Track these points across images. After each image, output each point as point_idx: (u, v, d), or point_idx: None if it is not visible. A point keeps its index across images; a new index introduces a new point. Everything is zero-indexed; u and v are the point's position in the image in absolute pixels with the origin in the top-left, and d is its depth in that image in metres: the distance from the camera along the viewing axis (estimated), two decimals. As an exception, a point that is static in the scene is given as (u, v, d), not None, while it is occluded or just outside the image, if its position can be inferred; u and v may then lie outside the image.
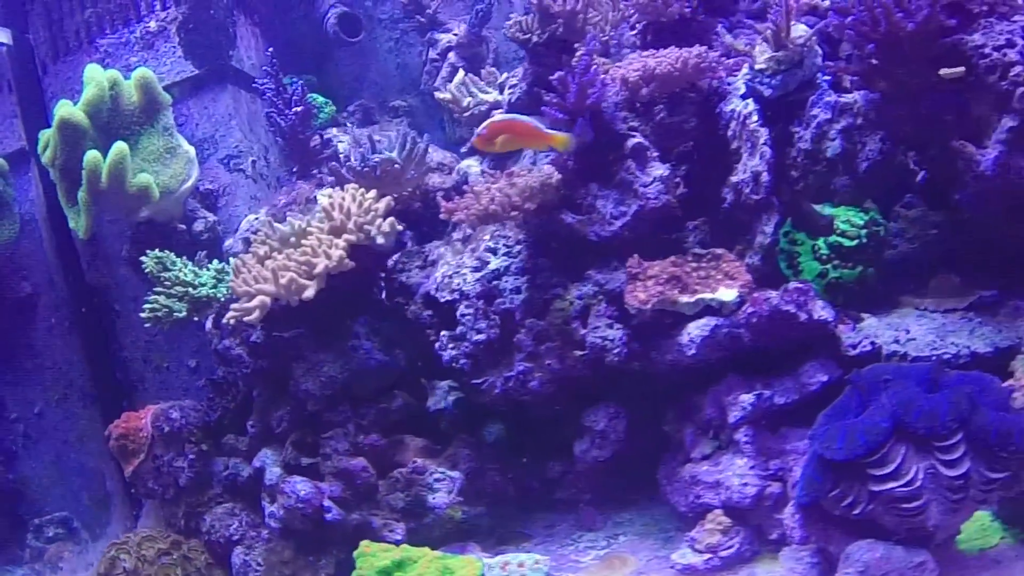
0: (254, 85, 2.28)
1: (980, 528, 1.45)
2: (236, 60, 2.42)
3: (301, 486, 1.82)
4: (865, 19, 1.67)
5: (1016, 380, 1.60)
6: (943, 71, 1.71)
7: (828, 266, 1.85)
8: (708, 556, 1.58)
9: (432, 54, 2.64)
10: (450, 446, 1.91)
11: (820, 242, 1.89)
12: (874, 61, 1.72)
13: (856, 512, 1.31)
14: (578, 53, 1.73)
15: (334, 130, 2.45)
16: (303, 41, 2.70)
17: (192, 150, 2.29)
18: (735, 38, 2.09)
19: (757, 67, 2.00)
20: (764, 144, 1.79)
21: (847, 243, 1.84)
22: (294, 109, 2.11)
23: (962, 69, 1.74)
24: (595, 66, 1.76)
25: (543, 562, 1.54)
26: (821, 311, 1.63)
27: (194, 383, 2.31)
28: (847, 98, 1.96)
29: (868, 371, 1.44)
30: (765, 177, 1.77)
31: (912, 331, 1.74)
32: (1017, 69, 1.74)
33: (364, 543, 1.68)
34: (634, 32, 2.28)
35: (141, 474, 2.07)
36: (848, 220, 1.86)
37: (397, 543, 1.77)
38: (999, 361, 1.66)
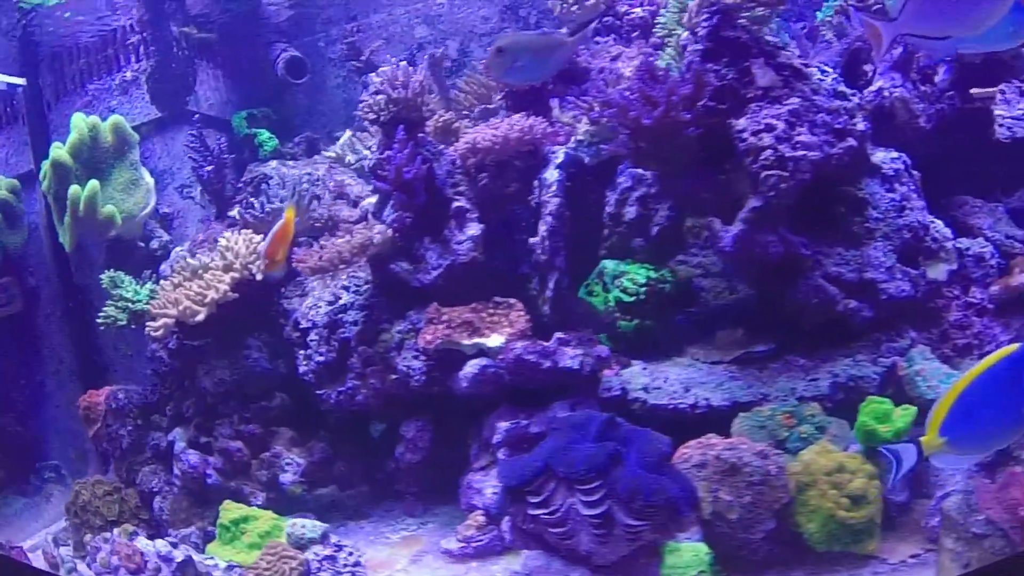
0: (188, 144, 2.93)
1: (690, 559, 1.88)
2: (194, 104, 3.09)
3: (192, 457, 2.51)
4: (615, 112, 2.05)
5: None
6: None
7: (614, 317, 2.30)
8: (463, 545, 2.12)
9: (365, 95, 3.17)
10: (313, 439, 2.54)
11: (611, 295, 2.32)
12: (643, 144, 2.11)
13: (525, 528, 1.80)
14: (398, 137, 2.24)
15: (274, 162, 3.06)
16: (262, 79, 3.31)
17: (152, 181, 2.99)
18: (575, 108, 2.52)
19: (577, 138, 2.43)
20: (549, 213, 2.23)
21: (627, 299, 2.27)
22: (207, 168, 2.75)
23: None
24: (412, 148, 2.25)
25: (320, 526, 2.14)
26: (568, 360, 2.09)
27: (151, 369, 3.05)
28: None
29: (566, 418, 1.91)
30: (547, 243, 2.22)
31: (669, 380, 2.16)
32: (767, 153, 2.07)
33: (227, 502, 2.33)
34: (500, 97, 2.73)
35: (99, 437, 2.84)
36: (632, 278, 2.29)
37: (259, 506, 2.43)
38: (735, 412, 2.06)
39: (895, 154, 2.52)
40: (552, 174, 2.28)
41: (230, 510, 2.29)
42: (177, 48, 2.97)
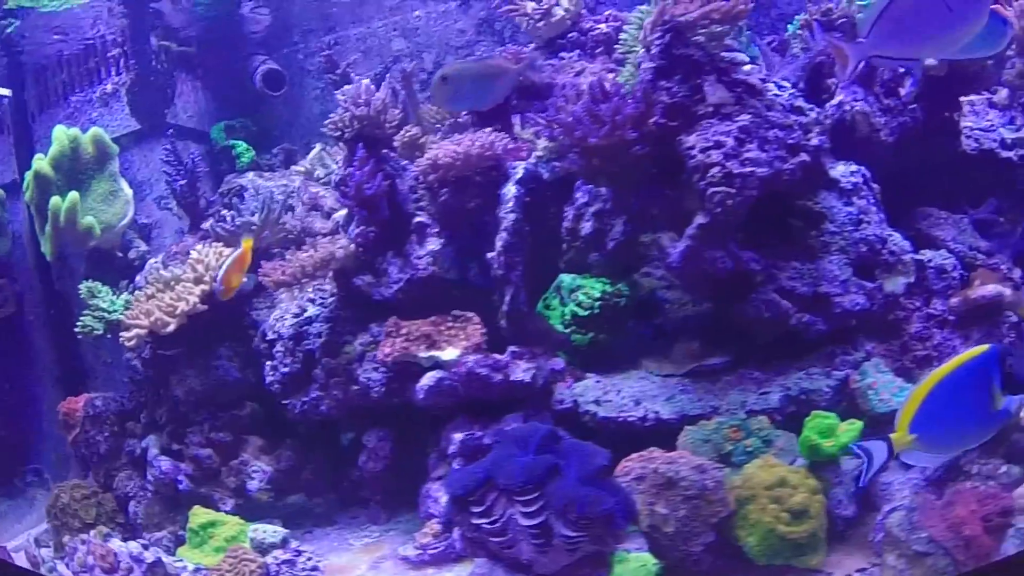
0: (163, 159, 3.02)
1: (637, 568, 1.94)
2: (172, 116, 3.19)
3: (164, 463, 2.60)
4: (562, 131, 2.11)
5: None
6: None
7: (569, 330, 2.36)
8: (420, 552, 2.19)
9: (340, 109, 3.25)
10: (281, 447, 2.62)
11: (567, 309, 2.39)
12: (592, 162, 2.17)
13: (471, 536, 1.87)
14: (358, 156, 2.31)
15: (251, 174, 3.15)
16: (241, 91, 3.40)
17: (130, 192, 3.08)
18: (535, 124, 2.58)
19: (537, 154, 2.50)
20: (504, 229, 2.30)
21: (581, 312, 2.33)
22: (180, 182, 2.83)
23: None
24: (373, 164, 2.32)
25: (280, 532, 2.22)
26: (520, 374, 2.16)
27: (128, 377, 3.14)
28: (602, 184, 2.39)
29: (511, 430, 1.98)
30: (502, 258, 2.29)
31: (621, 393, 2.22)
32: (714, 170, 2.12)
33: (196, 507, 2.42)
34: (467, 112, 2.80)
35: (77, 443, 2.94)
36: (587, 292, 2.35)
37: (227, 512, 2.51)
38: (684, 425, 2.12)
39: (855, 167, 2.57)
40: (510, 190, 2.35)
41: (199, 515, 2.38)
42: (156, 61, 3.06)
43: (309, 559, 2.17)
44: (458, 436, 2.16)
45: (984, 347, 1.56)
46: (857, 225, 2.44)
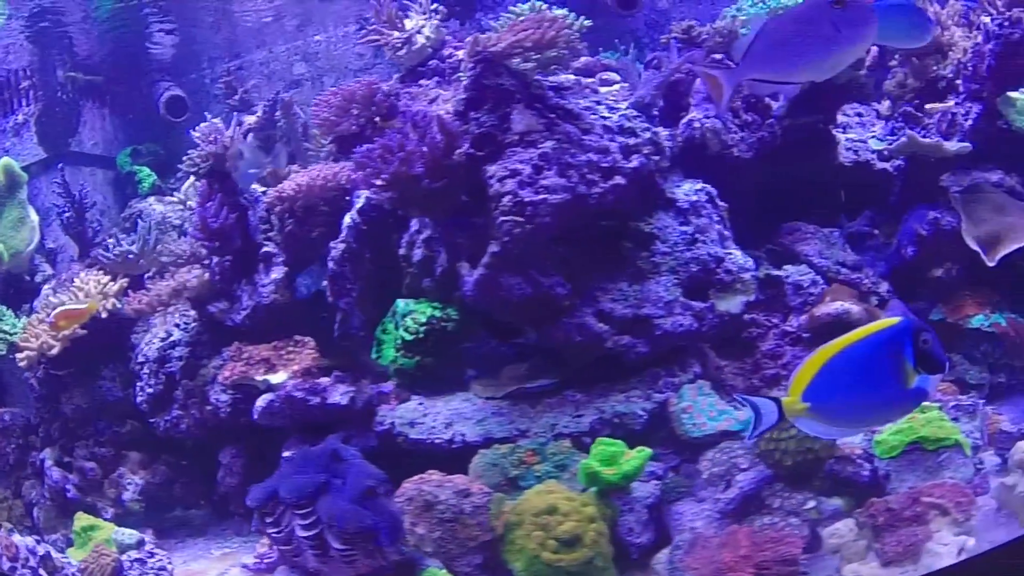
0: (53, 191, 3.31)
1: None
2: (76, 144, 3.48)
3: (55, 473, 2.93)
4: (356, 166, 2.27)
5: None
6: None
7: (398, 354, 2.56)
8: (257, 561, 2.44)
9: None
10: (157, 462, 2.90)
11: (399, 333, 2.59)
12: (396, 195, 2.33)
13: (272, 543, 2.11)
14: (200, 190, 2.55)
15: (152, 199, 3.43)
16: (148, 117, 3.68)
17: (37, 219, 3.40)
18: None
19: (378, 183, 2.69)
20: (332, 259, 2.51)
21: (408, 337, 2.52)
22: (66, 214, 3.12)
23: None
24: (219, 199, 2.56)
25: (136, 535, 2.51)
26: (337, 397, 2.37)
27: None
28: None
29: (308, 449, 2.20)
30: (332, 286, 2.50)
31: (437, 415, 2.41)
32: (506, 200, 2.27)
33: (80, 513, 2.73)
34: (329, 141, 3.01)
35: (-9, 454, 3.31)
36: (414, 317, 2.54)
37: (107, 519, 2.81)
38: (484, 446, 2.25)
39: (699, 186, 2.70)
40: (346, 219, 2.56)
41: (81, 520, 2.71)
42: (62, 92, 3.36)
43: (159, 561, 2.46)
44: (287, 454, 2.40)
45: (895, 319, 1.46)
46: (691, 245, 2.57)
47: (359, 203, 2.61)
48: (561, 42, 2.40)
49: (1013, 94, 3.19)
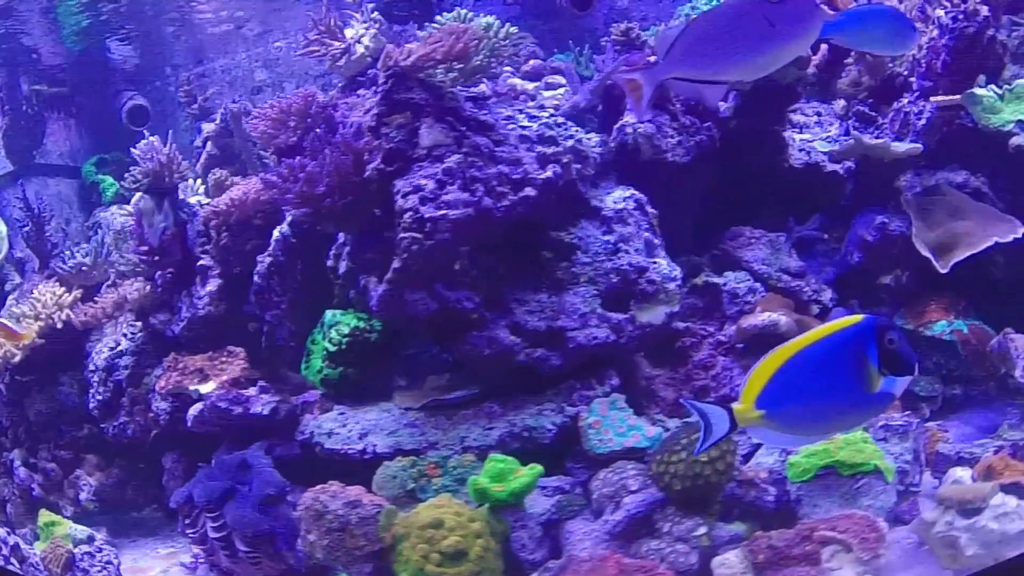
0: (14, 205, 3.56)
1: None
2: (42, 156, 3.73)
3: (22, 473, 3.19)
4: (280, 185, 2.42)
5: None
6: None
7: (323, 364, 2.72)
8: (193, 560, 2.63)
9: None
10: (112, 466, 3.14)
11: (325, 344, 2.74)
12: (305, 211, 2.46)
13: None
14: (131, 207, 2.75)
15: (114, 208, 3.66)
16: (113, 126, 3.90)
17: (5, 229, 3.65)
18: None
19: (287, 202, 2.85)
20: (257, 273, 2.67)
21: (331, 348, 2.68)
22: (25, 228, 3.37)
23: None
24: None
25: (87, 531, 2.70)
26: (259, 407, 2.54)
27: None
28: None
29: (226, 457, 2.39)
30: (257, 299, 2.67)
31: (354, 425, 2.54)
32: (407, 216, 2.37)
33: (42, 511, 2.96)
34: (270, 153, 3.17)
35: (-31, 454, 3.62)
36: (338, 328, 2.69)
37: (67, 517, 3.06)
38: (393, 457, 2.36)
39: (628, 193, 2.77)
40: (276, 232, 2.73)
41: (45, 516, 2.95)
42: (27, 106, 3.61)
43: (106, 555, 2.68)
44: (225, 457, 2.60)
45: (858, 317, 1.39)
46: (613, 254, 2.65)
47: (289, 216, 2.78)
48: (473, 52, 2.50)
49: (979, 90, 3.18)
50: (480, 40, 2.56)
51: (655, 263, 2.67)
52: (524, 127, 2.64)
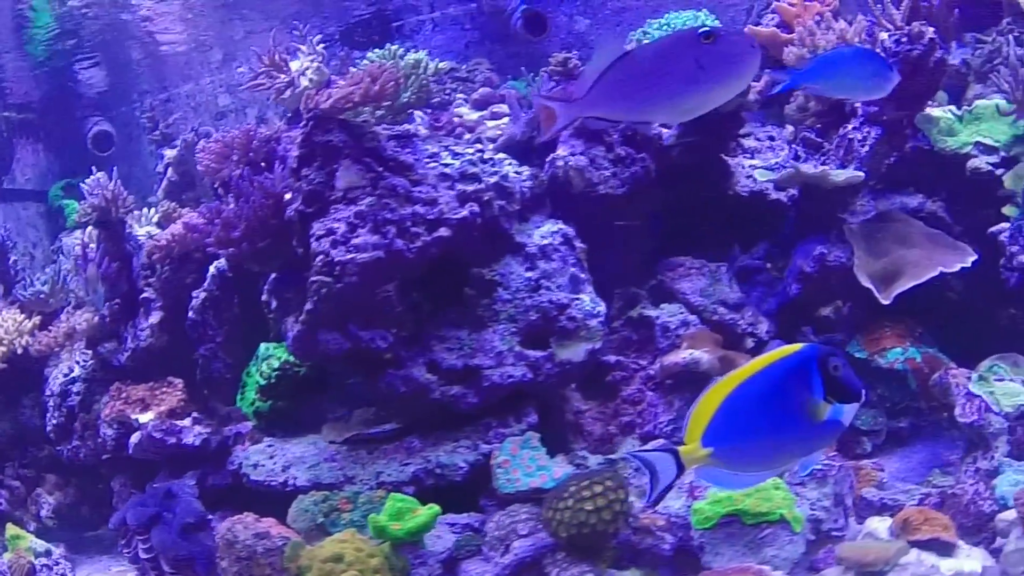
0: None
1: None
2: (9, 181, 3.99)
3: (-12, 490, 3.50)
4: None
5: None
6: None
7: (255, 397, 2.91)
8: None
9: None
10: (68, 486, 3.40)
11: (257, 378, 2.94)
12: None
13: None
14: (83, 243, 2.97)
15: (77, 232, 3.90)
16: (80, 151, 4.14)
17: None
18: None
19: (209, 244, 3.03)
20: (192, 308, 2.86)
21: (262, 381, 2.87)
22: None
23: None
24: (102, 249, 2.97)
25: (45, 545, 2.94)
26: (191, 438, 2.74)
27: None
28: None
29: (157, 485, 2.60)
30: (193, 332, 2.87)
31: (280, 458, 2.73)
32: (319, 259, 2.52)
33: (9, 524, 3.22)
34: (216, 187, 3.36)
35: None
36: (269, 362, 2.87)
37: (29, 531, 3.33)
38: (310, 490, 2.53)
39: (556, 227, 2.88)
40: (212, 268, 2.92)
41: (11, 530, 3.22)
42: (-4, 133, 3.88)
43: (61, 568, 2.91)
44: (155, 486, 2.82)
45: (798, 345, 1.38)
46: (534, 291, 2.76)
47: (224, 252, 2.98)
48: (385, 97, 2.64)
49: (935, 112, 3.22)
50: (402, 79, 2.71)
51: (578, 299, 2.78)
52: (447, 164, 2.77)
